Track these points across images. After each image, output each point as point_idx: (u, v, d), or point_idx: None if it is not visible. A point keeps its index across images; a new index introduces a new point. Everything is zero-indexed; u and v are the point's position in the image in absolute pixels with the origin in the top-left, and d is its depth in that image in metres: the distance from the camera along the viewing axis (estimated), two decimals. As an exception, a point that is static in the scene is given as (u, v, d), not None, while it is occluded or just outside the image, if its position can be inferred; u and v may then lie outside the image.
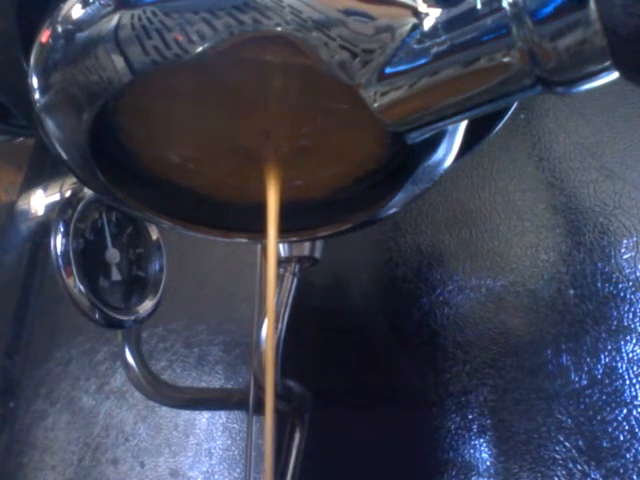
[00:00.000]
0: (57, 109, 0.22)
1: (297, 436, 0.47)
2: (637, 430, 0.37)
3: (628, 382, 0.38)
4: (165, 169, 0.27)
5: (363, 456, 0.47)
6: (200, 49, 0.18)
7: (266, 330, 0.42)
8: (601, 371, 0.39)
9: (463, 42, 0.18)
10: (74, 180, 0.41)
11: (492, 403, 0.42)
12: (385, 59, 0.19)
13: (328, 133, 0.26)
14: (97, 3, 0.19)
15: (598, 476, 0.38)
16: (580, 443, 0.39)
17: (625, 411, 0.37)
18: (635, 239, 0.39)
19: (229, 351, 0.58)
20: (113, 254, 0.42)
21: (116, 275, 0.42)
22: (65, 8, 0.20)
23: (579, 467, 0.38)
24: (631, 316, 0.38)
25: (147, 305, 0.43)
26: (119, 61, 0.19)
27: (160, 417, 0.60)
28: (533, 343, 0.41)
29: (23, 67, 0.23)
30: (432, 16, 0.18)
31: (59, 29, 0.20)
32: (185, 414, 0.58)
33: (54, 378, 0.70)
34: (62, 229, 0.38)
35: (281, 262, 0.44)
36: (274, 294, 0.28)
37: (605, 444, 0.38)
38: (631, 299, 0.39)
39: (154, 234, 0.44)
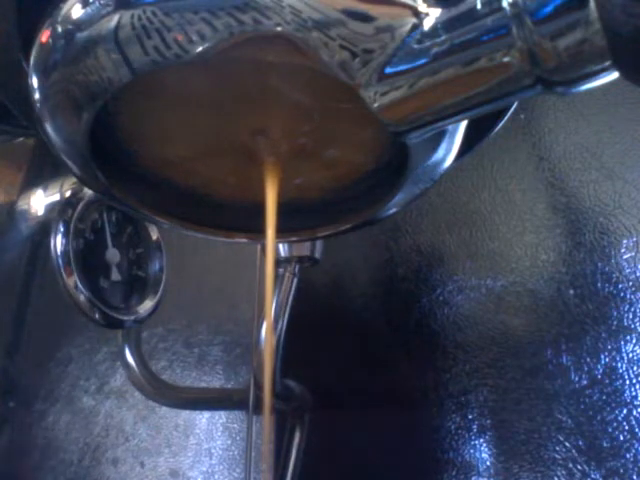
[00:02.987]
0: (57, 109, 0.22)
1: (297, 436, 0.47)
2: (637, 430, 0.37)
3: (628, 382, 0.38)
4: (165, 169, 0.27)
5: (363, 456, 0.47)
6: (200, 49, 0.18)
7: (265, 330, 0.42)
8: (601, 371, 0.39)
9: (463, 42, 0.18)
10: (74, 180, 0.41)
11: (492, 403, 0.42)
12: (385, 59, 0.19)
13: (328, 133, 0.26)
14: (97, 3, 0.19)
15: (598, 476, 0.38)
16: (580, 443, 0.39)
17: (625, 411, 0.37)
18: (635, 239, 0.39)
19: (229, 351, 0.58)
20: (113, 254, 0.42)
21: (116, 275, 0.42)
22: (65, 8, 0.20)
23: (579, 467, 0.38)
24: (631, 316, 0.38)
25: (147, 305, 0.43)
26: (119, 61, 0.19)
27: (160, 417, 0.60)
28: (533, 343, 0.41)
29: (23, 67, 0.23)
30: (432, 16, 0.18)
31: (59, 29, 0.20)
32: (185, 414, 0.58)
33: (54, 378, 0.70)
34: (62, 229, 0.38)
35: (281, 262, 0.44)
36: (273, 294, 0.28)
37: (605, 444, 0.38)
38: (631, 299, 0.39)
39: (154, 234, 0.44)
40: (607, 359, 0.39)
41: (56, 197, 0.43)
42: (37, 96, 0.22)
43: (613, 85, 0.18)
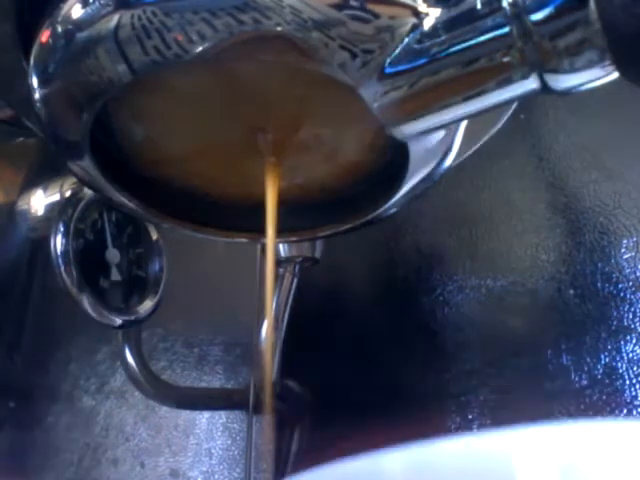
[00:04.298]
0: (57, 109, 0.22)
1: (297, 436, 0.47)
2: (637, 430, 0.37)
3: (628, 382, 0.38)
4: (165, 169, 0.27)
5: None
6: (200, 49, 0.18)
7: (265, 330, 0.42)
8: (601, 371, 0.39)
9: (463, 42, 0.18)
10: (74, 180, 0.41)
11: (492, 403, 0.42)
12: (385, 59, 0.19)
13: (328, 133, 0.26)
14: (97, 3, 0.19)
15: (598, 476, 0.38)
16: (580, 443, 0.38)
17: (625, 411, 0.37)
18: (635, 239, 0.39)
19: (229, 351, 0.58)
20: (113, 254, 0.42)
21: (116, 275, 0.42)
22: (65, 8, 0.20)
23: (579, 467, 0.38)
24: (631, 316, 0.38)
25: (147, 305, 0.43)
26: (119, 61, 0.19)
27: (160, 417, 0.60)
28: (533, 343, 0.41)
29: (23, 67, 0.23)
30: (432, 16, 0.18)
31: (59, 29, 0.20)
32: (185, 414, 0.58)
33: (54, 378, 0.70)
34: (62, 229, 0.38)
35: (281, 262, 0.44)
36: (273, 294, 0.28)
37: (605, 444, 0.38)
38: (631, 299, 0.39)
39: (154, 234, 0.44)
40: (607, 359, 0.39)
41: (56, 197, 0.43)
42: (37, 96, 0.22)
43: (613, 85, 0.18)
